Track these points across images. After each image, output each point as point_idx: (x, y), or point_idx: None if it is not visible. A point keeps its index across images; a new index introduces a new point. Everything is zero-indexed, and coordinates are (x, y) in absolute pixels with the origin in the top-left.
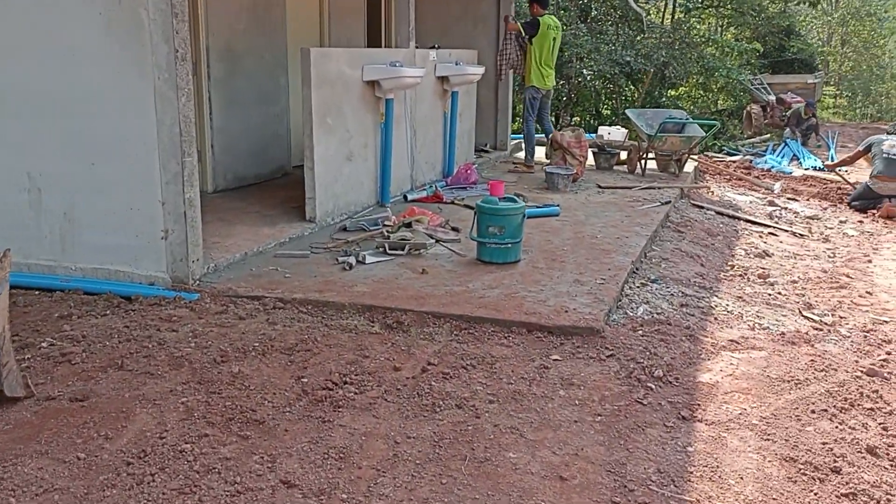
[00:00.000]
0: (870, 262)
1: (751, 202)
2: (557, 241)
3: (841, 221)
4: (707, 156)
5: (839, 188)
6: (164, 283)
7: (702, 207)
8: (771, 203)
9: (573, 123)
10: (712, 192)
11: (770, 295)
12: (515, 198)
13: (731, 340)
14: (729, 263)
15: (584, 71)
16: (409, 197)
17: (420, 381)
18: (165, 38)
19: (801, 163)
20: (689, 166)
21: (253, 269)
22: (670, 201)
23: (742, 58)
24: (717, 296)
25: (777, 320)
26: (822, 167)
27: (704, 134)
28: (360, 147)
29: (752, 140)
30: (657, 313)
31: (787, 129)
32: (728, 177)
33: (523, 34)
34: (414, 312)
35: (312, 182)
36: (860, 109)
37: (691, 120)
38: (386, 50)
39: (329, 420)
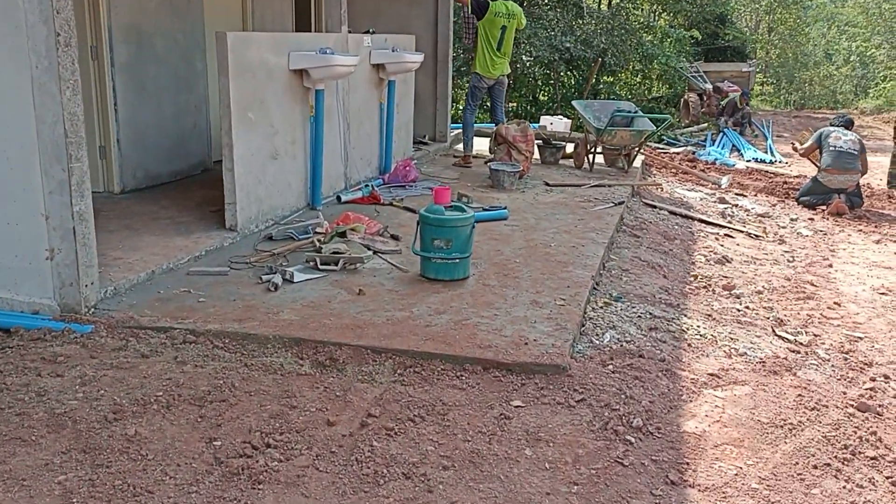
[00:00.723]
0: (830, 266)
1: (701, 199)
2: (508, 252)
3: (792, 220)
4: (648, 146)
5: (785, 182)
6: (51, 312)
7: (654, 207)
8: (721, 200)
9: (510, 111)
10: (662, 188)
11: (739, 311)
12: (463, 206)
13: (711, 374)
14: (691, 273)
15: (524, 57)
16: (343, 198)
17: (359, 439)
18: (43, 18)
19: (741, 154)
20: (638, 161)
21: (161, 291)
22: (623, 201)
23: (678, 45)
24: (685, 315)
25: (752, 342)
26: (769, 160)
27: (655, 128)
28: (287, 144)
29: (690, 129)
30: (626, 341)
31: (722, 119)
32: (674, 170)
33: (469, 12)
34: (350, 347)
35: (232, 185)
36: (784, 96)
37: (641, 113)
38: (315, 35)
39: (247, 503)
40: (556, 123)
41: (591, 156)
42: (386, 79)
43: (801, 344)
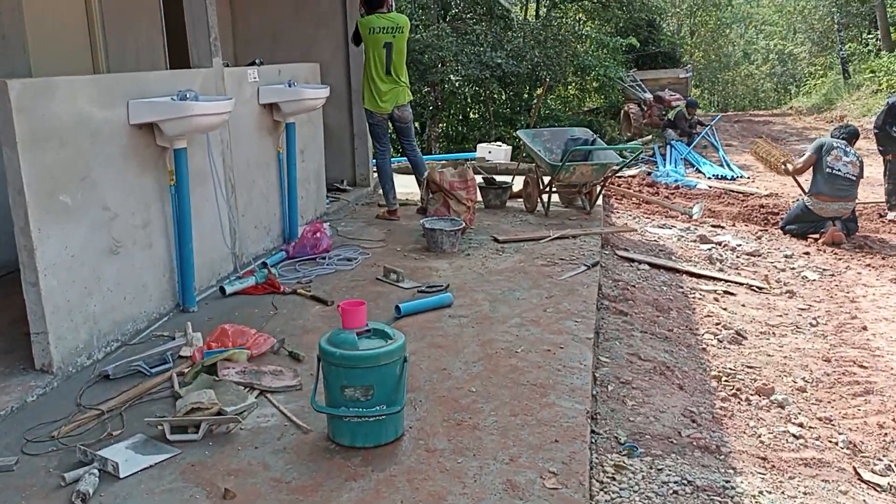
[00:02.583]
0: (864, 329)
1: (678, 239)
2: (459, 370)
3: (787, 256)
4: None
5: (761, 206)
6: None
7: (631, 260)
8: (702, 238)
9: (441, 133)
10: (636, 231)
11: (797, 438)
12: (387, 329)
13: None
14: (710, 371)
15: (451, 76)
16: (230, 289)
17: None
18: None
19: (699, 171)
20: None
21: None
22: (598, 262)
23: (615, 54)
24: (736, 471)
25: None
26: (730, 176)
27: (621, 160)
28: (135, 229)
29: (635, 143)
30: None
31: (669, 131)
32: (636, 201)
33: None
34: None
35: (40, 306)
36: (709, 98)
37: (601, 142)
38: (173, 73)
39: None
40: (496, 152)
41: (545, 196)
42: (283, 121)
43: None
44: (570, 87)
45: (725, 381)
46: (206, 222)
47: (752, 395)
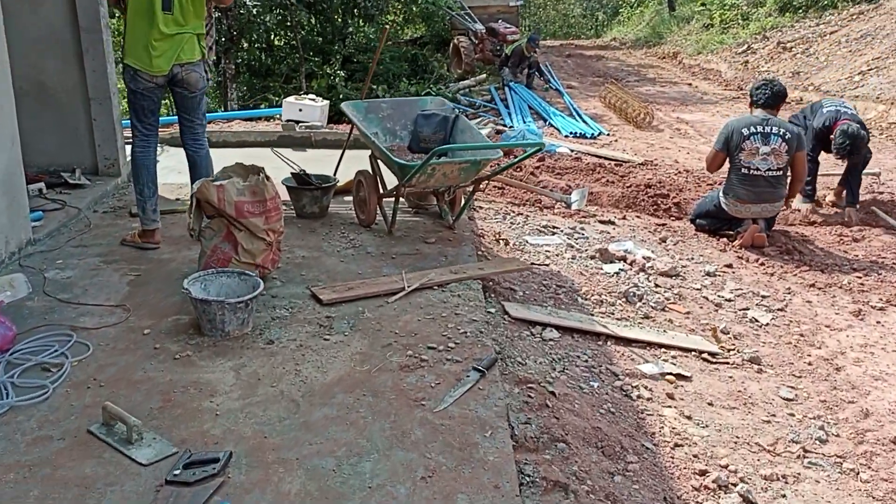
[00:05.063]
0: None
1: (572, 256)
2: None
3: (708, 274)
4: None
5: (646, 186)
6: None
7: (530, 323)
8: (602, 254)
9: (242, 64)
10: (531, 268)
11: None
12: None
13: None
14: None
15: (248, 2)
16: None
17: None
18: None
19: (552, 125)
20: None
21: None
22: (497, 358)
23: None
24: None
25: None
26: (589, 133)
27: (502, 157)
28: None
29: (467, 83)
30: None
31: (506, 70)
32: (497, 182)
33: None
34: None
35: None
36: (524, 25)
37: (474, 129)
38: None
39: None
40: (309, 110)
41: (385, 202)
42: None
43: None
44: (392, 14)
45: None
46: None
47: None
